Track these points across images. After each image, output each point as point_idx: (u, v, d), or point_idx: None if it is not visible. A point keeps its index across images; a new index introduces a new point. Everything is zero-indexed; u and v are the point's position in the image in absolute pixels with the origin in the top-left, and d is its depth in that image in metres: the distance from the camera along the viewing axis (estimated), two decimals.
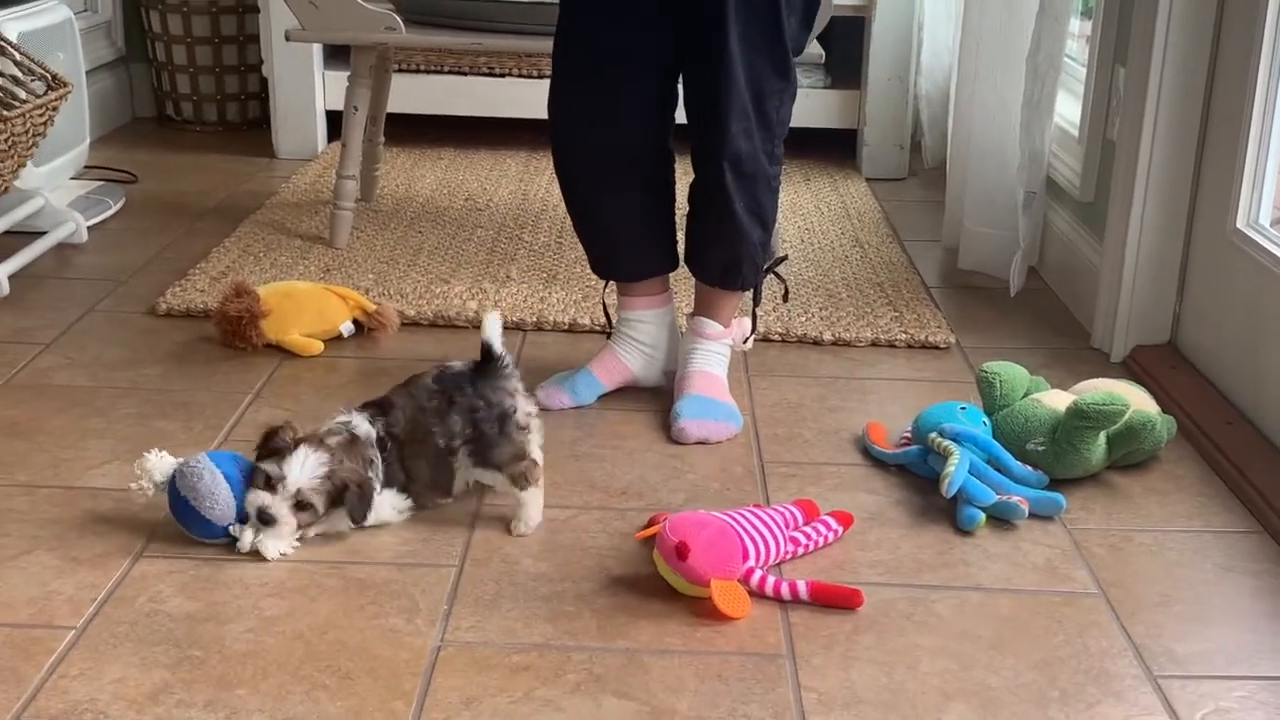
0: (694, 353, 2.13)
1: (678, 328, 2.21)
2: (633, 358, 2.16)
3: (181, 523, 1.67)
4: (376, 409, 1.74)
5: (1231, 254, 2.15)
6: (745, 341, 2.19)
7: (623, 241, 2.15)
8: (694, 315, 2.16)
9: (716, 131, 1.96)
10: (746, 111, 1.95)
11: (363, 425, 1.71)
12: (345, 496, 1.65)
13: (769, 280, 2.20)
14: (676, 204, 2.17)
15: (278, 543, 1.65)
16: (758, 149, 1.99)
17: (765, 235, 2.09)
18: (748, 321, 2.20)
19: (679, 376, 2.12)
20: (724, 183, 1.99)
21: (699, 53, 1.96)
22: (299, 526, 1.66)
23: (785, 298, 2.40)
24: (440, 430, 1.72)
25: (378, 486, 1.69)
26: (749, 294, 2.18)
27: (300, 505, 1.64)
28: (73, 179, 3.13)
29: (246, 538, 1.65)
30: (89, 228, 2.88)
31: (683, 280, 2.27)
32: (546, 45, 2.78)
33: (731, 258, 2.08)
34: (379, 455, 1.70)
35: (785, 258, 2.30)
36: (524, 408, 1.77)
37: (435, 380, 1.76)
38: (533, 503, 1.73)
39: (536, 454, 1.77)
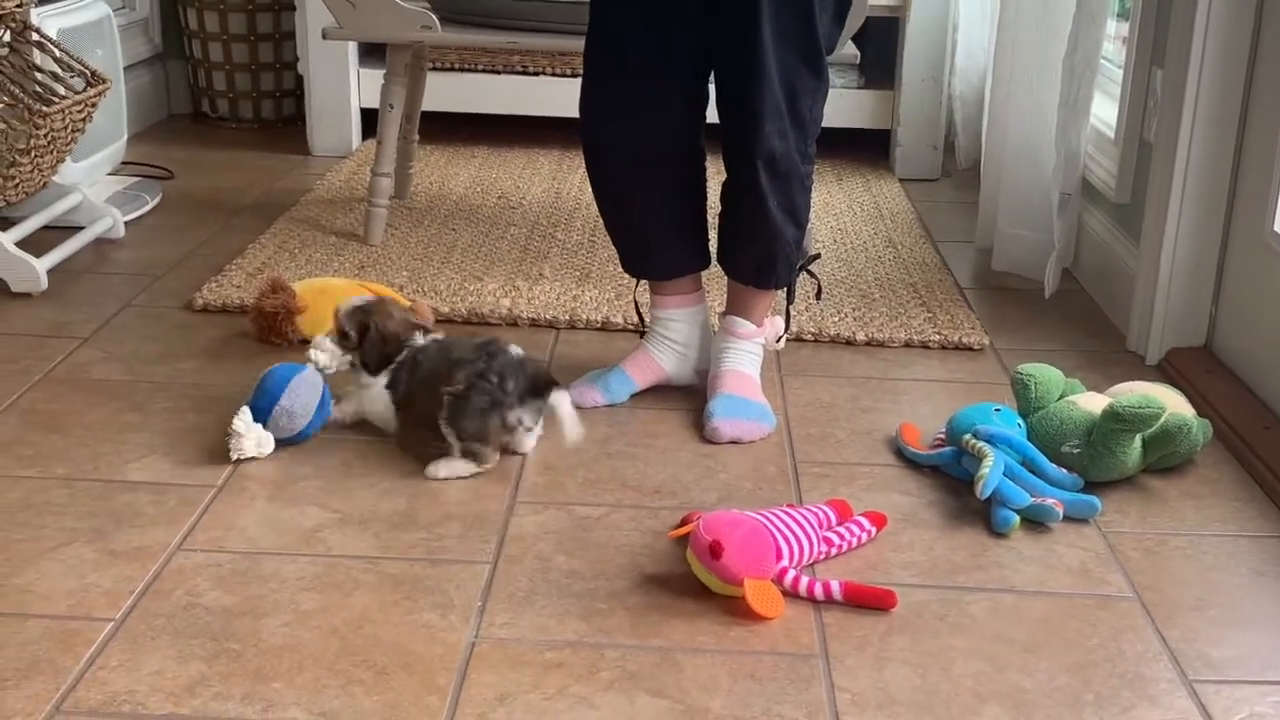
0: (727, 352, 2.13)
1: (710, 326, 2.21)
2: (665, 357, 2.16)
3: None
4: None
5: (1269, 257, 2.14)
6: (779, 340, 2.19)
7: (652, 240, 2.15)
8: (726, 314, 2.16)
9: (750, 130, 1.96)
10: (780, 110, 1.95)
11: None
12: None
13: (802, 278, 2.20)
14: (708, 203, 2.17)
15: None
16: (791, 147, 1.99)
17: (799, 233, 2.08)
18: (780, 320, 2.19)
19: (711, 375, 2.12)
20: (758, 181, 1.99)
21: (732, 51, 1.96)
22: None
23: (819, 295, 2.39)
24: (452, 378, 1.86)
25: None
26: (782, 292, 2.18)
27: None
28: (110, 175, 3.16)
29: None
30: (126, 223, 2.90)
31: (715, 279, 2.27)
32: (580, 44, 2.78)
33: (765, 256, 2.08)
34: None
35: (818, 256, 2.30)
36: (524, 418, 1.88)
37: (481, 345, 1.91)
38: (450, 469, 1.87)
39: (525, 447, 1.93)
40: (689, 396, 2.16)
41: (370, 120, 3.33)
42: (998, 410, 1.92)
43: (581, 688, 1.42)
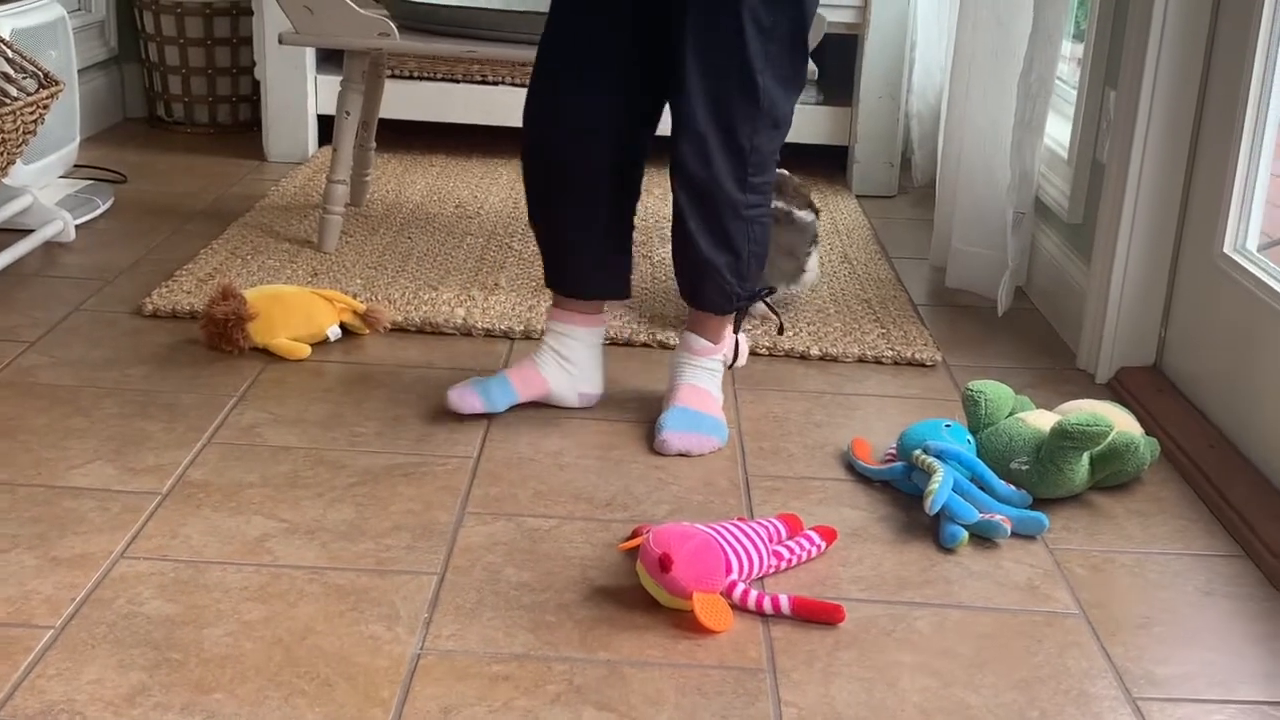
0: (683, 367, 2.12)
1: (602, 351, 2.17)
2: (552, 372, 2.12)
3: None
4: None
5: (1218, 278, 2.16)
6: (732, 364, 2.19)
7: (572, 252, 2.11)
8: (685, 330, 2.15)
9: (675, 153, 1.96)
10: (702, 135, 1.93)
11: None
12: None
13: (764, 310, 2.20)
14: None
15: None
16: (720, 174, 1.95)
17: (738, 263, 2.03)
18: (743, 339, 2.19)
19: (668, 389, 2.12)
20: (679, 204, 1.99)
21: (670, 72, 1.95)
22: None
23: (780, 331, 2.36)
24: None
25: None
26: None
27: None
28: (62, 177, 3.13)
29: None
30: (77, 227, 2.87)
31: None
32: None
33: (697, 280, 2.07)
34: None
35: (773, 290, 2.28)
36: None
37: None
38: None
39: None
40: (642, 408, 2.15)
41: (327, 127, 3.31)
42: (948, 426, 1.93)
43: (527, 701, 1.41)
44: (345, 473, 1.89)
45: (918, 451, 1.88)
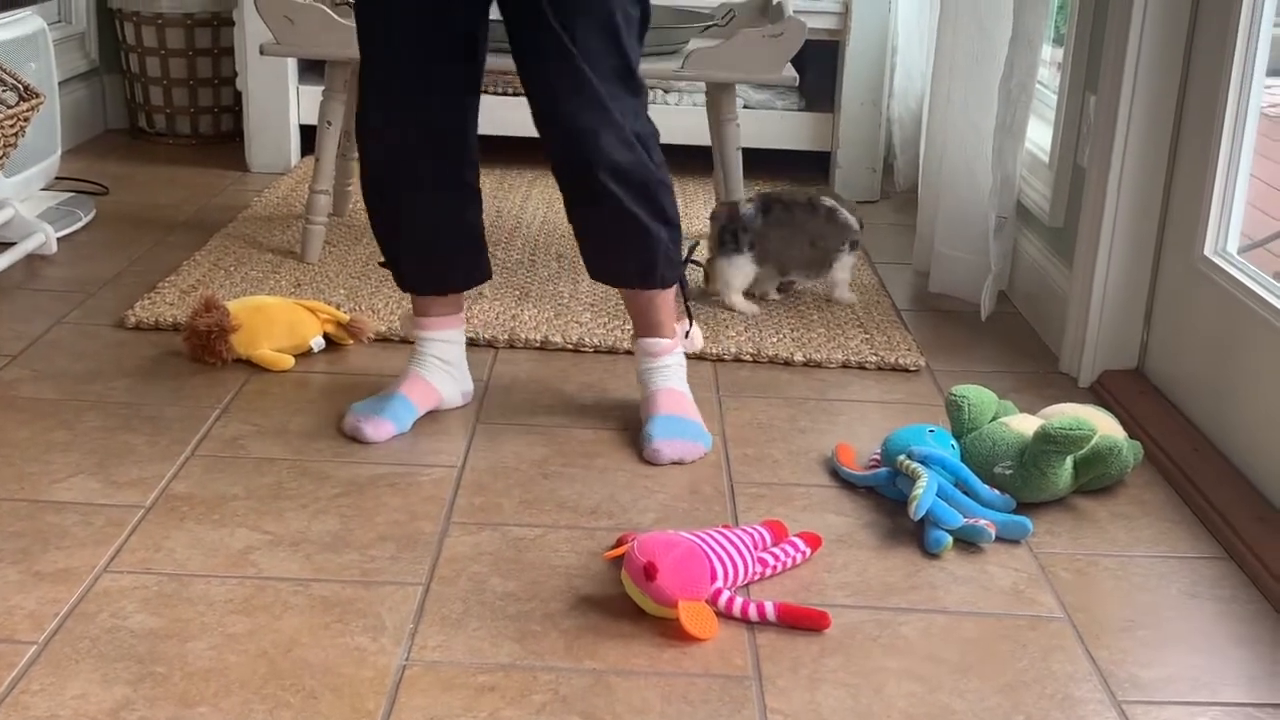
0: (652, 372, 2.12)
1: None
2: (440, 379, 2.13)
3: None
4: None
5: (1199, 281, 2.17)
6: (687, 335, 2.19)
7: (443, 248, 2.10)
8: (637, 338, 2.14)
9: (589, 146, 1.94)
10: (615, 122, 1.94)
11: None
12: None
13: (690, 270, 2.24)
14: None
15: None
16: (639, 157, 1.97)
17: (674, 231, 2.07)
18: (687, 322, 2.19)
19: (644, 397, 2.11)
20: (611, 194, 1.96)
21: (546, 68, 1.94)
22: None
23: (706, 280, 2.39)
24: None
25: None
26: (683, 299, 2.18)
27: None
28: (43, 190, 3.12)
29: None
30: (59, 239, 2.87)
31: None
32: None
33: (647, 261, 2.06)
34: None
35: (696, 244, 2.34)
36: None
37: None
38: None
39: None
40: (625, 417, 2.15)
41: (309, 137, 3.30)
42: (932, 431, 1.93)
43: (513, 711, 1.41)
44: (329, 484, 1.89)
45: (902, 457, 1.88)
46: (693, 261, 2.23)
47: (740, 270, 2.65)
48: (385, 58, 1.98)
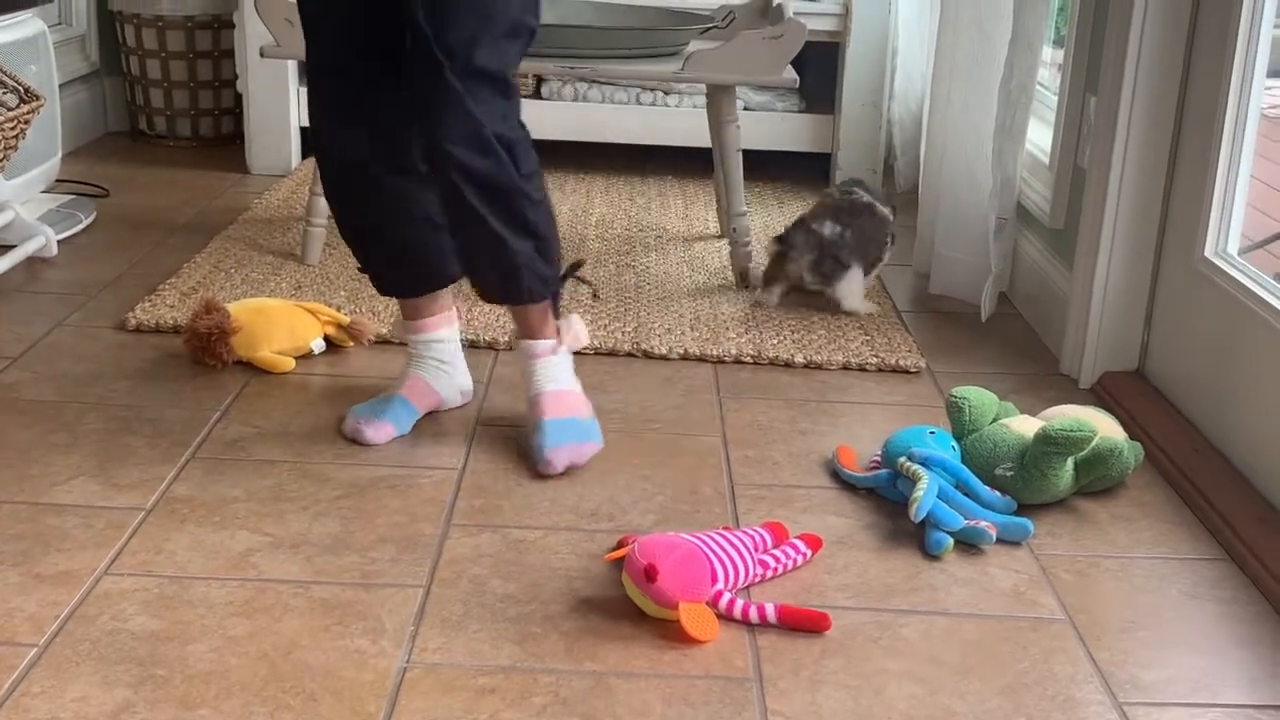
0: (535, 375, 2.03)
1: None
2: (438, 380, 2.12)
3: None
4: None
5: (1200, 283, 2.17)
6: (573, 338, 2.09)
7: (415, 247, 2.06)
8: (517, 340, 2.06)
9: (447, 154, 1.86)
10: (480, 132, 1.85)
11: None
12: None
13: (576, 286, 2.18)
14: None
15: None
16: (502, 164, 1.87)
17: (541, 244, 1.96)
18: (576, 319, 2.10)
19: (530, 400, 2.02)
20: (470, 204, 1.88)
21: (412, 68, 1.87)
22: None
23: (595, 297, 2.30)
24: None
25: None
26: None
27: None
28: (44, 192, 3.12)
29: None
30: (59, 242, 2.86)
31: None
32: (521, 64, 2.78)
33: (507, 273, 1.96)
34: None
35: (581, 262, 2.28)
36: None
37: None
38: None
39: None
40: (626, 418, 2.15)
41: (309, 139, 3.30)
42: (933, 433, 1.93)
43: (514, 713, 1.41)
44: (330, 486, 1.89)
45: (902, 458, 1.88)
46: (577, 278, 2.12)
47: (857, 281, 2.68)
48: (324, 63, 1.95)
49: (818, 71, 3.67)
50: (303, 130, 3.63)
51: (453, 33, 1.81)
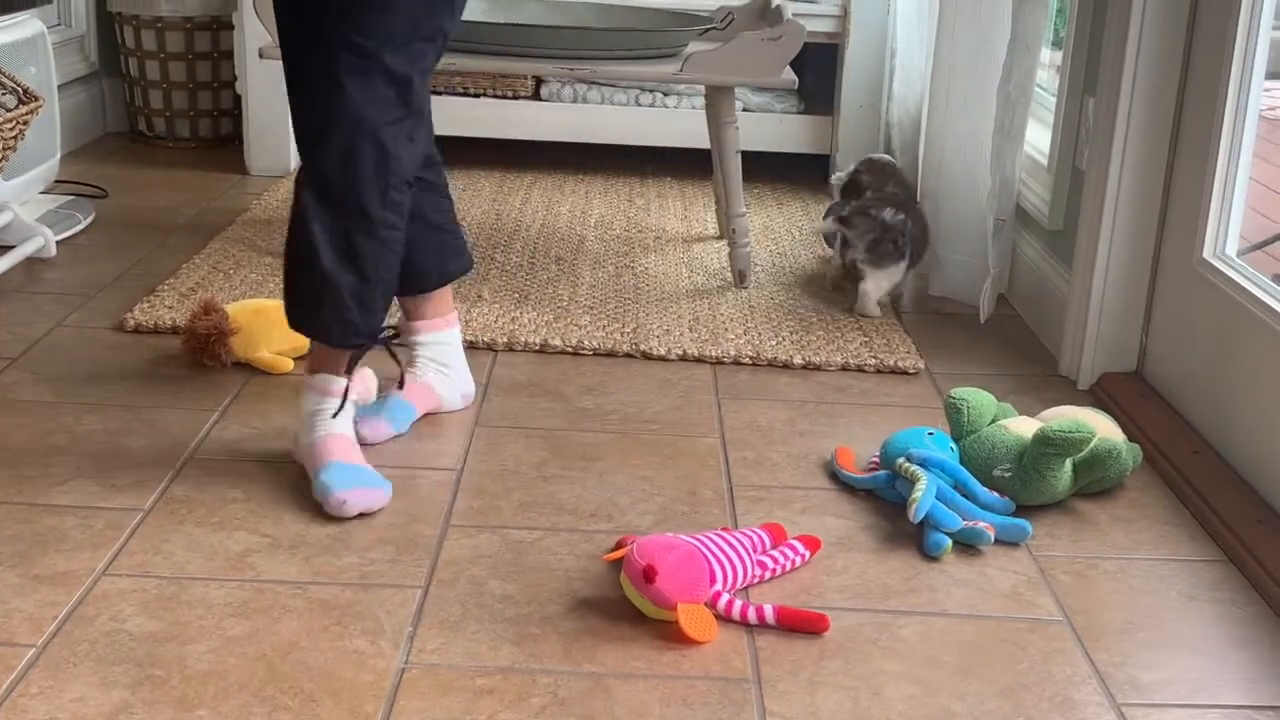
0: (319, 415, 1.87)
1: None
2: (438, 381, 2.11)
3: None
4: None
5: (1198, 284, 2.17)
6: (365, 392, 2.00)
7: (412, 251, 1.96)
8: (312, 372, 1.89)
9: (314, 153, 1.79)
10: (350, 143, 1.75)
11: None
12: None
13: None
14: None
15: None
16: (364, 182, 1.76)
17: (363, 286, 1.79)
18: (368, 371, 2.00)
19: (312, 442, 1.86)
20: (303, 206, 1.78)
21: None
22: None
23: (400, 386, 2.06)
24: None
25: None
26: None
27: None
28: (43, 193, 3.12)
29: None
30: (58, 242, 2.86)
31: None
32: (521, 66, 2.79)
33: (313, 301, 1.81)
34: None
35: (396, 333, 2.04)
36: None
37: None
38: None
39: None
40: (625, 420, 2.15)
41: None
42: (931, 434, 1.93)
43: (512, 714, 1.41)
44: None
45: (901, 460, 1.88)
46: (385, 344, 1.92)
47: (895, 278, 2.70)
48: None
49: (816, 73, 3.67)
50: None
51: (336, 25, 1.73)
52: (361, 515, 1.80)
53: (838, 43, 3.59)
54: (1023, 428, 1.95)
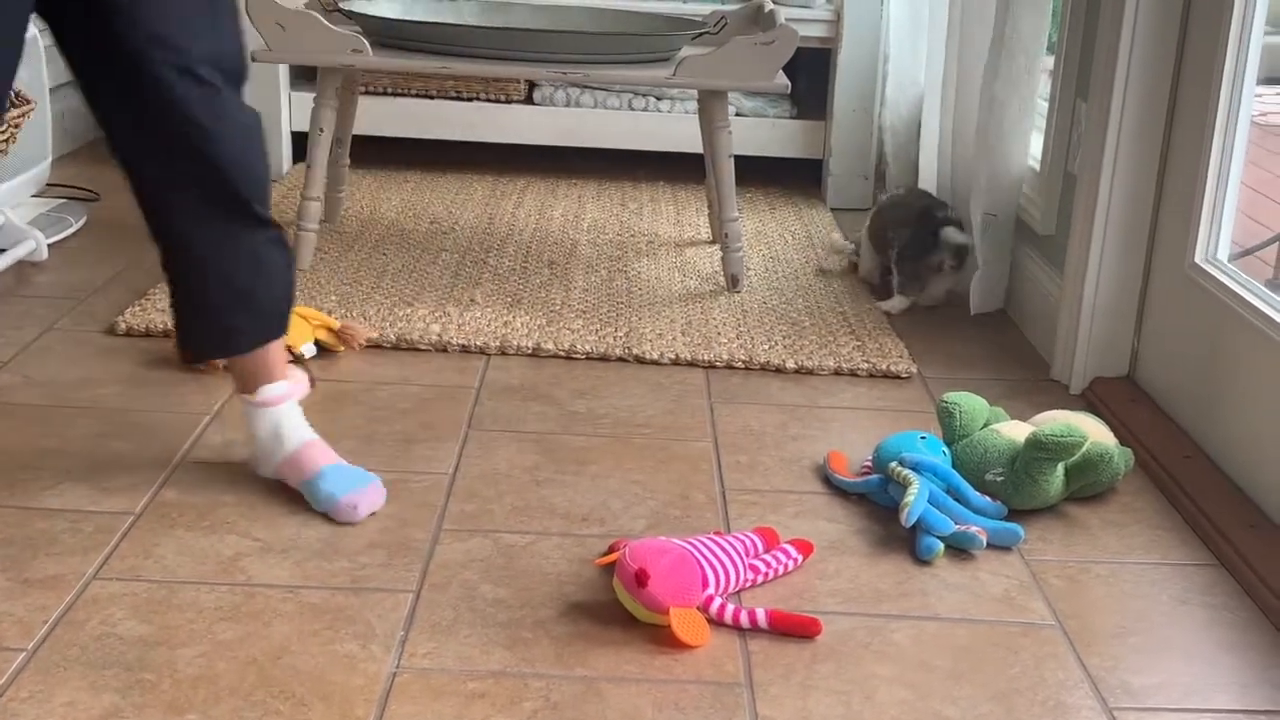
0: (285, 425, 1.86)
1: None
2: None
3: None
4: None
5: (1190, 288, 2.17)
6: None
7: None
8: (247, 391, 1.86)
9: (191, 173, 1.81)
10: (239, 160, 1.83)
11: None
12: None
13: None
14: None
15: None
16: (252, 196, 1.83)
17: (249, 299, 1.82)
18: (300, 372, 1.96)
19: (291, 457, 1.84)
20: (186, 230, 1.84)
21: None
22: None
23: (311, 384, 2.03)
24: None
25: None
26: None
27: None
28: (34, 196, 3.11)
29: None
30: (49, 246, 2.86)
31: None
32: (513, 70, 2.79)
33: (214, 322, 1.84)
34: None
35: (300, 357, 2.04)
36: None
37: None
38: None
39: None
40: (618, 424, 2.15)
41: (301, 144, 3.30)
42: (923, 438, 1.93)
43: (504, 718, 1.40)
44: None
45: (893, 464, 1.88)
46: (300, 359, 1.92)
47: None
48: None
49: (809, 77, 3.67)
50: (294, 135, 3.63)
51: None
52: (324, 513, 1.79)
53: (830, 47, 3.59)
54: (1015, 432, 1.95)
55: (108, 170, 3.40)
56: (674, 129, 3.64)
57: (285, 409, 1.87)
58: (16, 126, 2.66)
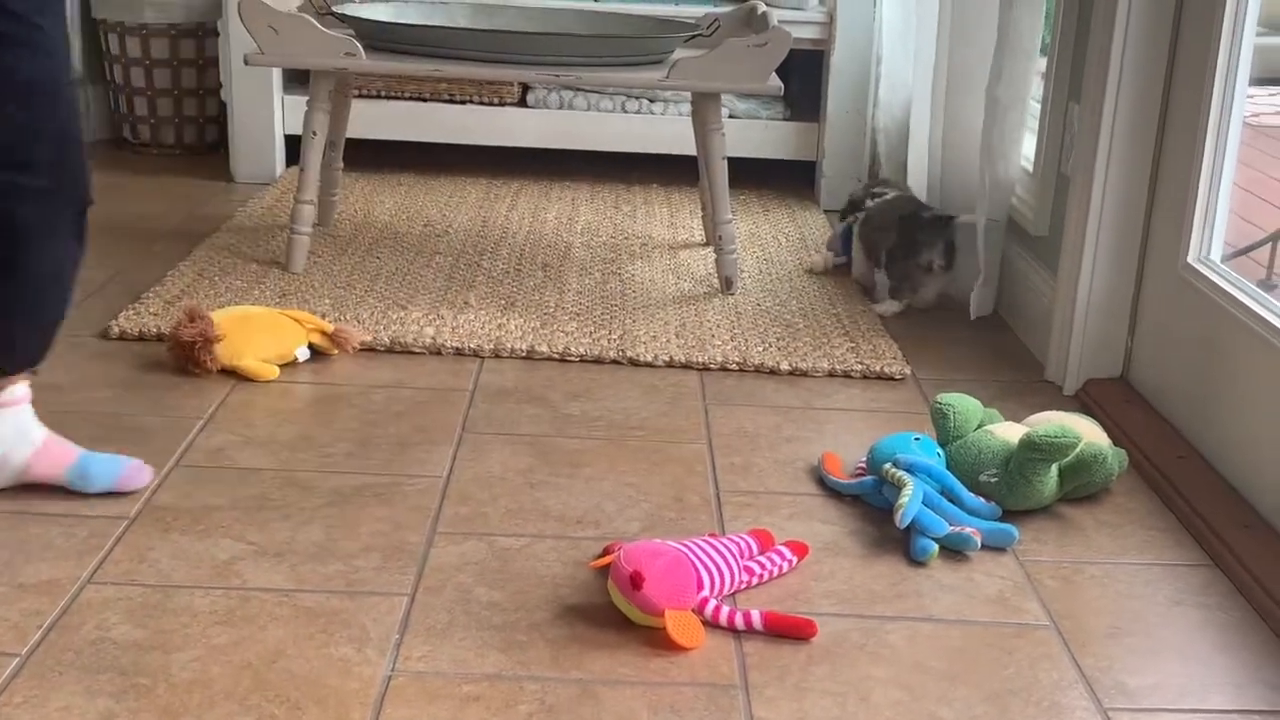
0: (29, 423, 1.84)
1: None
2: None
3: None
4: None
5: (1183, 289, 2.17)
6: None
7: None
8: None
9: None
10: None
11: None
12: None
13: None
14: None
15: None
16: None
17: None
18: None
19: (43, 447, 1.83)
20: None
21: None
22: None
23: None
24: None
25: None
26: None
27: None
28: None
29: None
30: None
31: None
32: (506, 73, 2.79)
33: None
34: None
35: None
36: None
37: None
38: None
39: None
40: (610, 426, 2.15)
41: (294, 147, 3.30)
42: (917, 439, 1.93)
43: None
44: (314, 494, 1.88)
45: (887, 465, 1.88)
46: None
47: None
48: None
49: (802, 79, 3.68)
50: (287, 138, 3.63)
51: None
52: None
53: (823, 49, 3.60)
54: (1009, 433, 1.95)
55: (100, 174, 3.37)
56: (667, 131, 3.64)
57: (28, 407, 1.84)
58: None
